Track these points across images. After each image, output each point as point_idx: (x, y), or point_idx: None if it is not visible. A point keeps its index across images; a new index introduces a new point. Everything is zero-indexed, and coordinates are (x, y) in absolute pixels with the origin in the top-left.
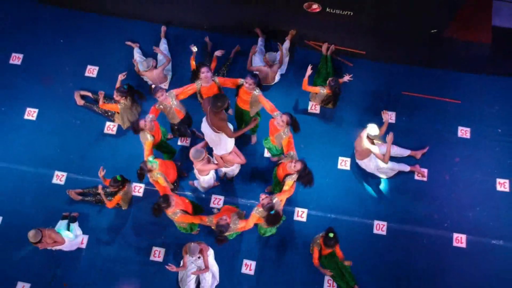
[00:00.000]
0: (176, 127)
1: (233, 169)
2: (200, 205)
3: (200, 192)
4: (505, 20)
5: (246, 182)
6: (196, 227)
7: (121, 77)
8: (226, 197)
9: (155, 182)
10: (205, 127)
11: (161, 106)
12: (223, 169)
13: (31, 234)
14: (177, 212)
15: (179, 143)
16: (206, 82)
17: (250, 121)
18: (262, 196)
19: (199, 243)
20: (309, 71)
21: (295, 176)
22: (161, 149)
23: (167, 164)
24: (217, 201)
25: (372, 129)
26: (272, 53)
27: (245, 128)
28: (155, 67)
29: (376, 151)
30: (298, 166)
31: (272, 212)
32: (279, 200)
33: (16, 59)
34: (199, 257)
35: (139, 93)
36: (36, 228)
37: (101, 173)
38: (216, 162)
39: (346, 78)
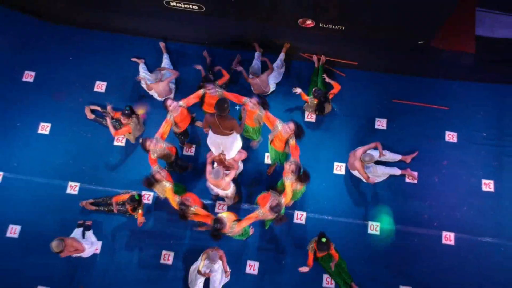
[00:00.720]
0: (174, 164)
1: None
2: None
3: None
4: (487, 30)
5: (247, 187)
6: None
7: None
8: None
9: (194, 216)
10: (214, 141)
11: (155, 154)
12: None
13: (54, 244)
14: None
15: (184, 152)
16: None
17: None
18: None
19: (217, 250)
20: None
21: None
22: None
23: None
24: (221, 206)
25: (367, 157)
26: (253, 66)
27: (243, 120)
28: (161, 80)
29: (360, 173)
30: (292, 125)
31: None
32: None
33: (29, 76)
34: (218, 262)
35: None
36: (58, 238)
37: (114, 200)
38: (228, 171)
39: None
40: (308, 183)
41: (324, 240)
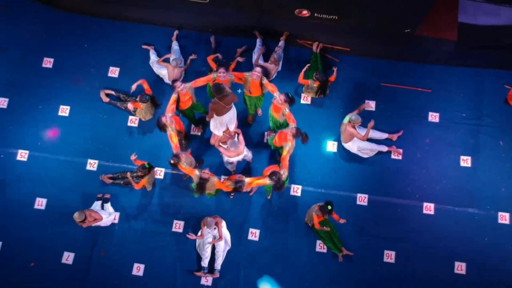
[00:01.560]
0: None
1: (248, 155)
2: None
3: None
4: (470, 17)
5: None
6: (219, 192)
7: (134, 87)
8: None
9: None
10: (221, 122)
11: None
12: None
13: (76, 215)
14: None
15: (192, 132)
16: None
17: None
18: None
19: (214, 217)
20: (305, 68)
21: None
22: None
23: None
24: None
25: (354, 116)
26: (279, 53)
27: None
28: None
29: (357, 135)
30: (282, 97)
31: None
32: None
33: (48, 63)
34: (214, 228)
35: (156, 102)
36: (79, 210)
37: (133, 157)
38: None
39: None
40: (307, 142)
41: (330, 207)
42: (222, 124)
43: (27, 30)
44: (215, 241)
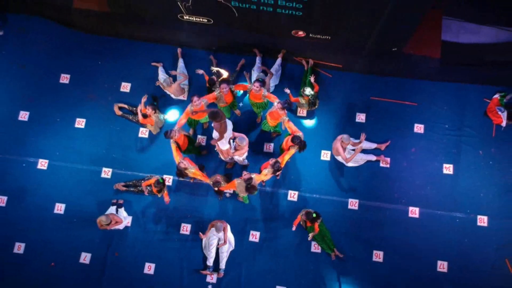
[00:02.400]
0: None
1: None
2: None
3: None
4: (453, 36)
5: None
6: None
7: (143, 99)
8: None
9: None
10: (226, 139)
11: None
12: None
13: (103, 218)
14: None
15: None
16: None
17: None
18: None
19: (222, 222)
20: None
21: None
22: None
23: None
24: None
25: (345, 136)
26: (275, 67)
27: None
28: (173, 82)
29: (342, 156)
30: (279, 105)
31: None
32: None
33: (65, 78)
34: (221, 232)
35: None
36: (103, 215)
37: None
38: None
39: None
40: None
41: (314, 215)
42: (226, 138)
43: (45, 48)
44: (220, 245)
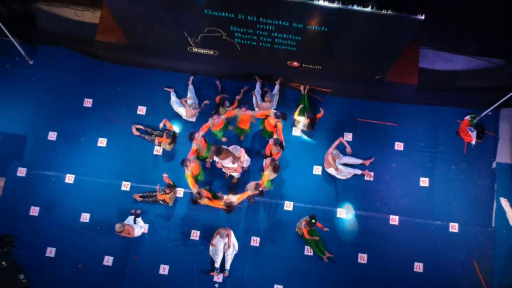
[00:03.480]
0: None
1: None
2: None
3: None
4: (430, 64)
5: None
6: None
7: (161, 125)
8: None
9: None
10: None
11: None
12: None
13: (117, 226)
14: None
15: None
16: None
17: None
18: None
19: (226, 229)
20: (299, 108)
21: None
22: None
23: None
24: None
25: (335, 151)
26: (272, 93)
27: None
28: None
29: (333, 166)
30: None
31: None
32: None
33: (88, 102)
34: (226, 238)
35: (176, 137)
36: (119, 222)
37: (165, 175)
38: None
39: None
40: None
41: (314, 221)
42: (230, 160)
43: (70, 76)
44: (226, 249)
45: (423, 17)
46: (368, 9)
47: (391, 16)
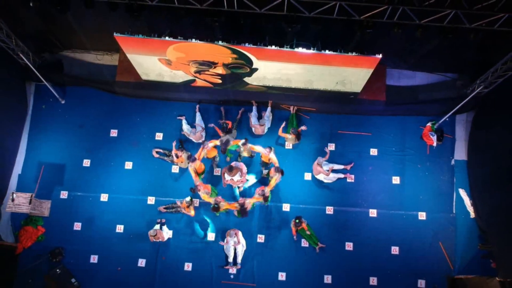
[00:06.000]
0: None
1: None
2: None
3: None
4: (395, 81)
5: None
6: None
7: (174, 143)
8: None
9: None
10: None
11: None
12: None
13: (152, 232)
14: None
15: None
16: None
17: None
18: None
19: (234, 230)
20: (282, 125)
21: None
22: None
23: None
24: None
25: (320, 159)
26: (267, 115)
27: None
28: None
29: (322, 172)
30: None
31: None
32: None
33: (114, 133)
34: (234, 236)
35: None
36: (153, 229)
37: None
38: None
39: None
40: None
41: (297, 220)
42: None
43: (97, 111)
44: (236, 245)
45: (380, 56)
46: (337, 52)
47: (356, 57)
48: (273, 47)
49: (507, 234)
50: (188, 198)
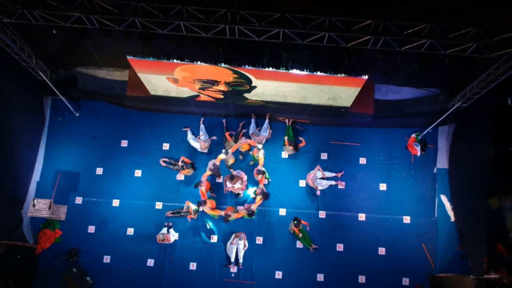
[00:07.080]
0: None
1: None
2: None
3: None
4: (383, 95)
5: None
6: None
7: (184, 159)
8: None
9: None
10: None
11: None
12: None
13: (160, 236)
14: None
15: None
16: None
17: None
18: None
19: (241, 233)
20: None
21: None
22: None
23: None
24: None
25: (312, 174)
26: (260, 132)
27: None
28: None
29: (311, 185)
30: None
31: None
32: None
33: (124, 143)
34: (241, 239)
35: (194, 167)
36: (161, 233)
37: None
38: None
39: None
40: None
41: (296, 222)
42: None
43: (108, 123)
44: (243, 247)
45: (366, 77)
46: (328, 73)
47: (344, 78)
48: (270, 68)
49: (479, 236)
50: (194, 207)
